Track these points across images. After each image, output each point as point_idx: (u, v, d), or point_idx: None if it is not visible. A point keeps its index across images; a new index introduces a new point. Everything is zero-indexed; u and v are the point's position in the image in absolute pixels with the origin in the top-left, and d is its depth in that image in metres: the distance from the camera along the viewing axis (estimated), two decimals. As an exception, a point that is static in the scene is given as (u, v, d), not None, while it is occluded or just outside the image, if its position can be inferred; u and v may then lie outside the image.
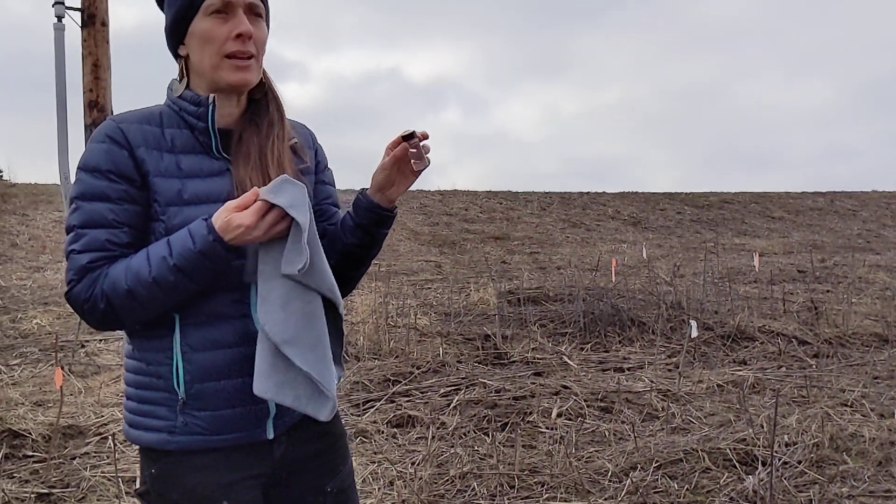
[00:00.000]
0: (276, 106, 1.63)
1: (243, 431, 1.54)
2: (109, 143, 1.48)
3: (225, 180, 1.54)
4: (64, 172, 8.99)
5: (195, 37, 1.53)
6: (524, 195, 24.77)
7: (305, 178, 1.66)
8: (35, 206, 16.90)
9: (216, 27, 1.51)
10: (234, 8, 1.51)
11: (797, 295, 9.41)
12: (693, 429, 4.54)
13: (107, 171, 1.47)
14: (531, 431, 4.53)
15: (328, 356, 1.50)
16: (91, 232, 1.45)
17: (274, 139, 1.59)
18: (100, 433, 4.50)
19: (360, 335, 6.74)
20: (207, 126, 1.53)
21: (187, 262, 1.41)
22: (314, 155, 1.74)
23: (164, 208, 1.48)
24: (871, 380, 5.55)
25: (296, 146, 1.66)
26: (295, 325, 1.47)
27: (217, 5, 1.50)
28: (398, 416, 4.77)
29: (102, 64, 8.91)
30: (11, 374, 5.86)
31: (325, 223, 1.71)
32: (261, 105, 1.62)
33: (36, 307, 8.67)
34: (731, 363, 6.23)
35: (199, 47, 1.53)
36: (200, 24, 1.51)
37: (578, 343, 6.90)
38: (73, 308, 1.48)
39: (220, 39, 1.51)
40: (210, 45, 1.51)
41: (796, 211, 24.89)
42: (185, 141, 1.54)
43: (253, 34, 1.52)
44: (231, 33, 1.51)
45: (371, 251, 1.70)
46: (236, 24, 1.51)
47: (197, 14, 1.52)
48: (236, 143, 1.58)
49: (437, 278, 11.79)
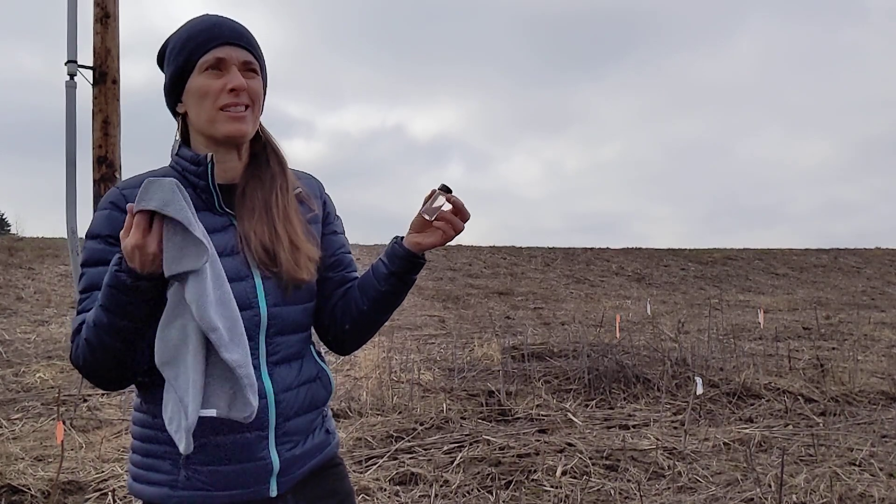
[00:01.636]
0: (276, 159, 1.67)
1: (246, 488, 1.53)
2: (111, 208, 1.53)
3: (229, 235, 1.57)
4: (71, 226, 9.07)
5: (191, 93, 1.58)
6: (528, 250, 24.85)
7: (313, 226, 1.69)
8: (41, 260, 16.98)
9: (211, 82, 1.56)
10: (228, 65, 1.57)
11: (803, 352, 9.36)
12: (700, 488, 4.48)
13: (106, 235, 1.51)
14: (535, 490, 4.47)
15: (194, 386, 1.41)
16: (91, 295, 1.49)
17: (277, 191, 1.62)
18: (100, 489, 4.45)
19: (364, 390, 6.70)
20: (208, 184, 1.57)
21: (107, 300, 1.39)
22: (322, 205, 1.77)
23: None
24: (880, 438, 5.49)
25: (301, 195, 1.69)
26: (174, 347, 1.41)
27: (211, 62, 1.56)
28: (401, 474, 4.72)
29: (112, 121, 9.07)
30: (13, 428, 5.82)
31: (343, 272, 1.74)
32: (261, 159, 1.66)
33: (39, 361, 8.65)
34: (738, 421, 6.17)
35: (196, 103, 1.58)
36: (196, 81, 1.57)
37: (583, 399, 6.85)
38: (77, 370, 1.52)
39: (214, 93, 1.56)
40: (205, 99, 1.56)
41: (800, 268, 24.88)
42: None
43: (247, 87, 1.58)
44: (225, 87, 1.56)
45: (400, 298, 1.72)
46: (230, 78, 1.57)
47: (193, 72, 1.57)
48: (240, 197, 1.61)
49: (441, 333, 11.75)
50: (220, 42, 1.57)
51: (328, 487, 1.64)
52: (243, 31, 1.63)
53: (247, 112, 1.58)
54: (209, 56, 1.56)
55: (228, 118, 1.56)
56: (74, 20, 9.08)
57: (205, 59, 1.56)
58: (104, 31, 9.04)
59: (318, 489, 1.64)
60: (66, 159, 9.15)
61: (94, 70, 9.07)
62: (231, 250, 1.55)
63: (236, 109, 1.56)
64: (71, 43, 9.10)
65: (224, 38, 1.58)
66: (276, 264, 1.56)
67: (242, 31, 1.63)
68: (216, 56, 1.56)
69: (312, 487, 1.63)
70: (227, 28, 1.60)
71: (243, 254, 1.56)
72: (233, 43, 1.59)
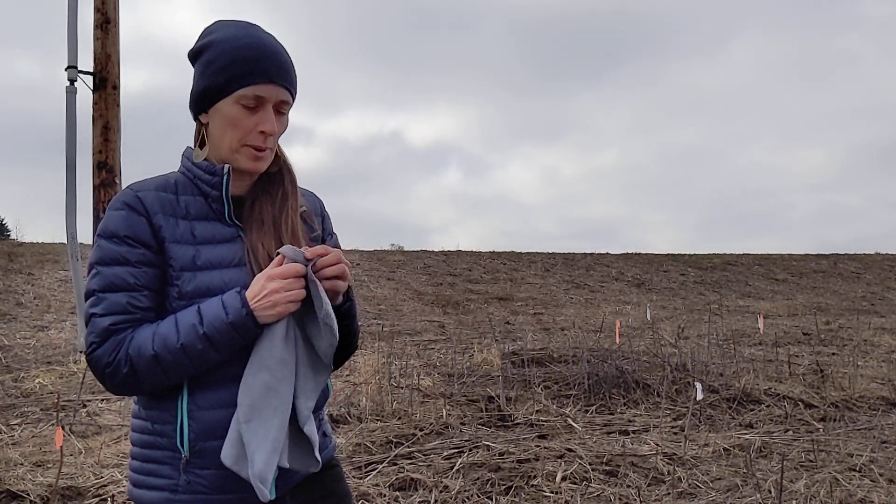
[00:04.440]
0: (290, 179, 1.67)
1: (246, 491, 1.53)
2: (128, 210, 1.52)
3: (237, 246, 1.58)
4: (71, 231, 9.09)
5: (220, 116, 1.56)
6: (528, 256, 24.86)
7: (315, 245, 1.69)
8: (41, 266, 16.97)
9: (244, 117, 1.54)
10: (265, 103, 1.55)
11: (802, 357, 9.36)
12: (700, 493, 4.48)
13: (125, 236, 1.50)
14: (535, 495, 4.46)
15: (277, 442, 1.49)
16: (112, 296, 1.48)
17: (288, 210, 1.63)
18: (99, 494, 4.45)
19: (363, 396, 6.69)
20: (221, 194, 1.57)
21: (217, 332, 1.44)
22: (321, 222, 1.78)
23: (179, 273, 1.51)
24: (880, 444, 5.48)
25: (304, 214, 1.70)
26: (258, 395, 1.48)
27: (250, 99, 1.53)
28: (400, 479, 4.71)
29: (112, 126, 9.09)
30: (12, 433, 5.82)
31: None
32: (274, 177, 1.65)
33: (39, 366, 8.64)
34: (738, 426, 6.16)
35: (222, 127, 1.56)
36: (229, 109, 1.54)
37: (583, 405, 6.84)
38: (94, 370, 1.49)
39: (244, 129, 1.54)
40: (234, 130, 1.55)
41: (800, 273, 24.88)
42: (198, 208, 1.57)
43: (276, 132, 1.57)
44: (256, 127, 1.54)
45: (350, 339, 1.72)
46: (262, 119, 1.54)
47: (228, 96, 1.54)
48: (249, 209, 1.61)
49: (441, 339, 11.74)
50: (264, 80, 1.53)
51: (326, 489, 1.64)
52: (289, 68, 1.58)
53: (268, 151, 1.58)
54: (249, 91, 1.53)
55: (251, 156, 1.57)
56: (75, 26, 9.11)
57: (244, 93, 1.53)
58: (104, 36, 9.06)
59: (316, 491, 1.64)
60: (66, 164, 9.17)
61: (94, 75, 9.09)
62: (238, 261, 1.56)
63: (260, 152, 1.57)
64: (71, 48, 9.12)
65: (269, 75, 1.53)
66: None
67: (288, 67, 1.58)
68: (256, 94, 1.53)
69: (310, 489, 1.64)
70: (275, 64, 1.55)
71: (249, 265, 1.56)
72: (276, 82, 1.55)
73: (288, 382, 1.49)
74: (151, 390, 1.51)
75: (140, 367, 1.45)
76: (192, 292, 1.50)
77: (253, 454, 1.45)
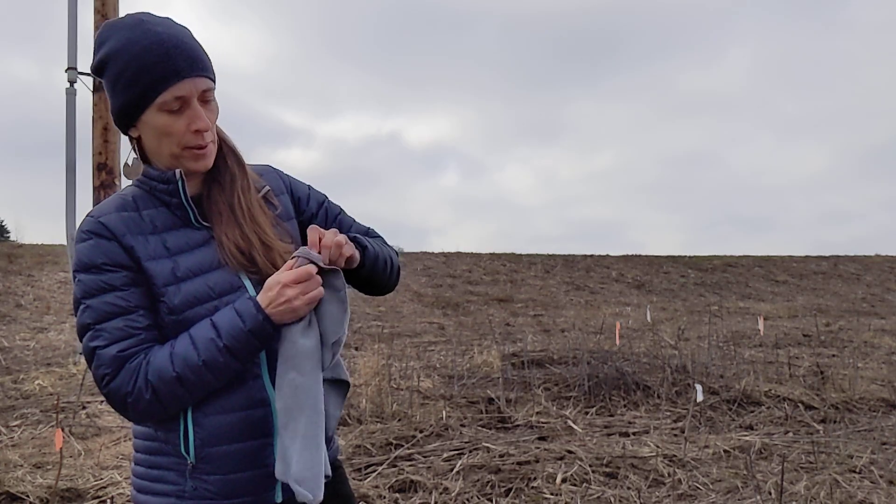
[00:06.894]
0: (234, 158, 1.62)
1: (253, 495, 1.53)
2: (96, 238, 1.48)
3: (211, 248, 1.54)
4: (71, 233, 9.09)
5: (149, 128, 1.50)
6: (528, 257, 24.84)
7: (287, 223, 1.66)
8: (41, 267, 16.97)
9: (173, 122, 1.48)
10: (189, 99, 1.48)
11: (803, 359, 9.35)
12: (700, 495, 4.48)
13: (102, 264, 1.46)
14: (535, 497, 4.46)
15: (307, 438, 1.47)
16: (108, 324, 1.44)
17: (239, 193, 1.58)
18: (98, 496, 4.44)
19: (363, 398, 6.69)
20: (181, 200, 1.53)
21: (237, 343, 1.42)
22: (290, 192, 1.73)
23: (163, 289, 1.48)
24: (880, 446, 5.48)
25: (268, 195, 1.65)
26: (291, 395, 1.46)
27: (171, 104, 1.47)
28: (400, 481, 4.71)
29: (112, 127, 9.08)
30: (11, 435, 5.81)
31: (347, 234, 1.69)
32: (219, 161, 1.60)
33: (38, 368, 8.64)
34: (738, 428, 6.16)
35: (156, 138, 1.51)
36: (155, 119, 1.48)
37: (583, 407, 6.84)
38: (113, 402, 1.45)
39: (178, 134, 1.49)
40: (168, 138, 1.49)
41: (800, 275, 24.88)
42: (164, 219, 1.53)
43: (209, 125, 1.51)
44: (189, 128, 1.49)
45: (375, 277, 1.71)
46: (192, 117, 1.48)
47: (149, 107, 1.47)
48: (207, 205, 1.57)
49: (441, 340, 11.74)
50: (178, 79, 1.45)
51: (330, 491, 1.63)
52: (197, 54, 1.50)
53: (209, 146, 1.53)
54: (167, 96, 1.45)
55: (193, 157, 1.52)
56: (74, 27, 9.11)
57: (163, 99, 1.45)
58: (104, 38, 9.05)
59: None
60: (66, 166, 9.17)
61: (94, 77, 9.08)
62: (218, 263, 1.53)
63: (202, 150, 1.52)
64: (71, 49, 9.13)
65: (181, 72, 1.45)
66: (253, 266, 1.54)
67: (196, 53, 1.50)
68: (175, 96, 1.46)
69: None
70: (182, 57, 1.46)
71: (225, 261, 1.54)
72: (191, 76, 1.47)
73: (314, 375, 1.47)
74: (176, 411, 1.48)
75: (163, 391, 1.42)
76: (180, 305, 1.47)
77: (290, 457, 1.44)
